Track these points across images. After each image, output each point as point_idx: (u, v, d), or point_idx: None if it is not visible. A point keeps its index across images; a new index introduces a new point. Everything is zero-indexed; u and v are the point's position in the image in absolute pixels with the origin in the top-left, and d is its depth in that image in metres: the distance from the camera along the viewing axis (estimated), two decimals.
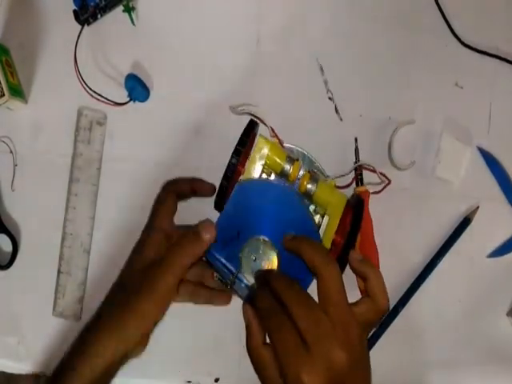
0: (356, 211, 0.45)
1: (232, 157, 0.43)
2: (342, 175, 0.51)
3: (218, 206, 0.46)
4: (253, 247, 0.45)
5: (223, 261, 0.44)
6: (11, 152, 0.50)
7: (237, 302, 0.49)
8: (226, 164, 0.44)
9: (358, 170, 0.52)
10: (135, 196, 0.47)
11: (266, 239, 0.44)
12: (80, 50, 0.49)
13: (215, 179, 0.46)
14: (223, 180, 0.44)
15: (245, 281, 0.45)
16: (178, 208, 0.46)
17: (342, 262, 0.41)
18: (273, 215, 0.44)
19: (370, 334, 0.51)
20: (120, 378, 0.49)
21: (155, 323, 0.41)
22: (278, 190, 0.45)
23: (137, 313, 0.40)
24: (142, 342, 0.42)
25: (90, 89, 0.49)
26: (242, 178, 0.46)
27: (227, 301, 0.49)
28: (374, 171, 0.51)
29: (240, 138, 0.44)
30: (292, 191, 0.45)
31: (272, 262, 0.44)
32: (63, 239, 0.50)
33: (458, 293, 0.55)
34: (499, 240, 0.56)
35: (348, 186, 0.51)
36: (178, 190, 0.47)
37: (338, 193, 0.47)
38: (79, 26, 0.49)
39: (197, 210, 0.48)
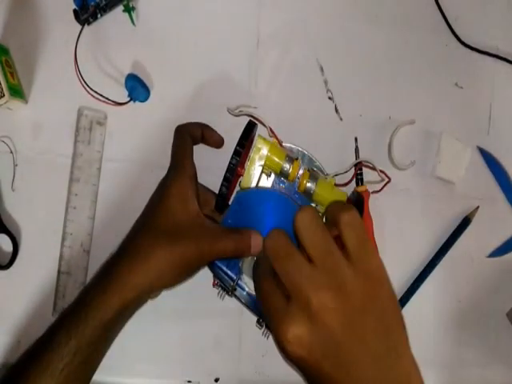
0: (356, 208, 0.46)
1: (232, 158, 0.43)
2: (342, 173, 0.51)
3: (219, 206, 0.46)
4: None
5: (224, 268, 0.45)
6: (11, 152, 0.50)
7: (237, 304, 0.49)
8: (226, 165, 0.44)
9: (358, 167, 0.52)
10: (135, 196, 0.47)
11: None
12: (80, 49, 0.49)
13: (215, 180, 0.46)
14: (223, 181, 0.44)
15: (246, 288, 0.45)
16: None
17: None
18: (272, 223, 0.45)
19: None
20: (120, 378, 0.50)
21: (181, 261, 0.42)
22: (274, 198, 0.45)
23: (164, 247, 0.41)
24: (164, 280, 0.42)
25: (91, 89, 0.49)
26: (241, 179, 0.46)
27: None
28: (373, 169, 0.51)
29: (239, 140, 0.44)
30: (288, 198, 0.46)
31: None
32: (63, 239, 0.49)
33: (458, 293, 0.55)
34: (499, 240, 0.56)
35: (347, 183, 0.51)
36: (190, 131, 0.47)
37: (337, 191, 0.47)
38: (79, 26, 0.49)
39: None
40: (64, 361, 0.38)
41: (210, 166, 0.51)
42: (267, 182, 0.47)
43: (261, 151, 0.46)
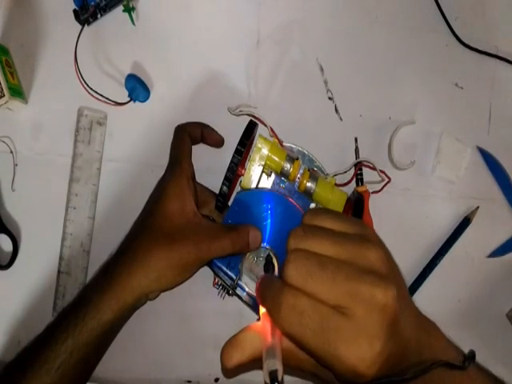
0: (356, 208, 0.46)
1: (233, 157, 0.43)
2: (342, 173, 0.51)
3: (220, 206, 0.46)
4: (253, 255, 0.45)
5: (224, 269, 0.45)
6: (11, 152, 0.49)
7: (237, 304, 0.49)
8: (226, 164, 0.44)
9: (358, 167, 0.52)
10: (135, 196, 0.47)
11: (267, 247, 0.45)
12: (80, 49, 0.49)
13: (215, 180, 0.46)
14: (224, 180, 0.44)
15: (246, 288, 0.45)
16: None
17: None
18: (271, 223, 0.45)
19: None
20: (119, 378, 0.49)
21: (179, 261, 0.42)
22: (274, 199, 0.45)
23: (162, 248, 0.41)
24: (163, 281, 0.42)
25: (91, 89, 0.49)
26: (241, 179, 0.46)
27: None
28: (373, 168, 0.51)
29: (240, 139, 0.44)
30: (287, 199, 0.46)
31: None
32: (63, 239, 0.49)
33: (458, 293, 0.55)
34: (499, 240, 0.56)
35: (348, 183, 0.51)
36: (190, 131, 0.47)
37: (337, 191, 0.47)
38: (79, 26, 0.49)
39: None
40: (60, 359, 0.39)
41: (210, 166, 0.51)
42: (267, 182, 0.47)
43: (261, 151, 0.46)
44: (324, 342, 0.27)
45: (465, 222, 0.55)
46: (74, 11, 0.50)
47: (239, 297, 0.46)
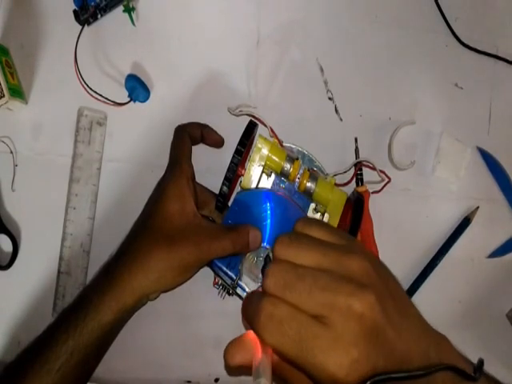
0: (356, 208, 0.46)
1: (233, 157, 0.43)
2: (342, 173, 0.51)
3: (220, 206, 0.46)
4: (253, 255, 0.46)
5: (224, 268, 0.45)
6: (11, 152, 0.49)
7: (237, 304, 0.49)
8: (226, 164, 0.44)
9: (358, 167, 0.52)
10: (135, 196, 0.47)
11: (267, 247, 0.45)
12: (80, 50, 0.49)
13: (215, 180, 0.46)
14: (224, 180, 0.44)
15: (246, 288, 0.45)
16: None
17: None
18: (271, 223, 0.45)
19: None
20: (119, 378, 0.49)
21: (180, 262, 0.42)
22: (273, 199, 0.46)
23: (162, 249, 0.41)
24: (164, 282, 0.42)
25: (91, 89, 0.49)
26: (241, 179, 0.46)
27: None
28: (373, 168, 0.51)
29: (240, 139, 0.44)
30: (287, 198, 0.46)
31: None
32: (63, 239, 0.49)
33: (458, 293, 0.55)
34: (499, 240, 0.56)
35: (348, 183, 0.52)
36: (190, 131, 0.47)
37: (337, 191, 0.47)
38: (79, 26, 0.49)
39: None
40: (61, 360, 0.39)
41: (210, 166, 0.51)
42: (267, 182, 0.47)
43: (261, 151, 0.46)
44: (303, 350, 0.27)
45: (465, 222, 0.55)
46: (74, 11, 0.50)
47: (239, 296, 0.46)
